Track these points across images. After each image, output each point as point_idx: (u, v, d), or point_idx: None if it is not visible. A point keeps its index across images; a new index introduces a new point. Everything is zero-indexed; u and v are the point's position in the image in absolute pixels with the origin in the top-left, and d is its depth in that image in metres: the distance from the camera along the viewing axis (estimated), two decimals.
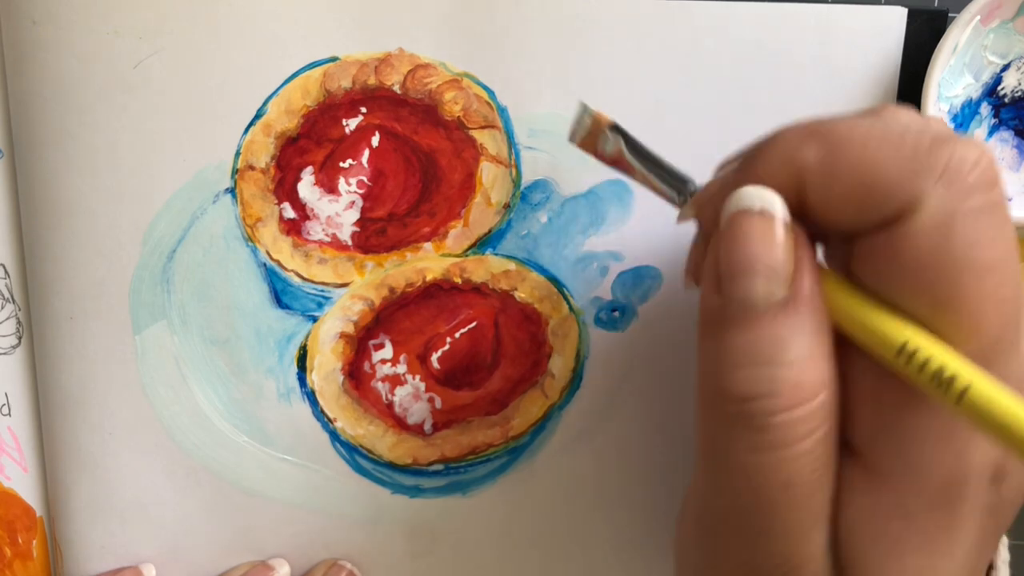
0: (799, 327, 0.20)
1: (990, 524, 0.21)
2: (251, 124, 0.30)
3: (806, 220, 0.21)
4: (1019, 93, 0.31)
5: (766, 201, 0.21)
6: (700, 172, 0.31)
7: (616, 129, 0.27)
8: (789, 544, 0.21)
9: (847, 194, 0.20)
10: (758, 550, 0.21)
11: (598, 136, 0.27)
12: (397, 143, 0.31)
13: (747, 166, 0.22)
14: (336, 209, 0.31)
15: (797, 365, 0.20)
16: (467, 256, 0.32)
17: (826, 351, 0.21)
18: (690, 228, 0.32)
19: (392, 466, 0.33)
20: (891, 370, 0.20)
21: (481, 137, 0.31)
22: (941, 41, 0.29)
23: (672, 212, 0.32)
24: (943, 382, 0.19)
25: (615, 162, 0.27)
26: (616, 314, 0.32)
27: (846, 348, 0.21)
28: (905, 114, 0.21)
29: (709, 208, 0.23)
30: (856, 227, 0.21)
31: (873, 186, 0.20)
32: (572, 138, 0.27)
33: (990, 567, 0.24)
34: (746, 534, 0.21)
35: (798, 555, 0.21)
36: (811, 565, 0.21)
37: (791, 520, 0.21)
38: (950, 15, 0.30)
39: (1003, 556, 0.24)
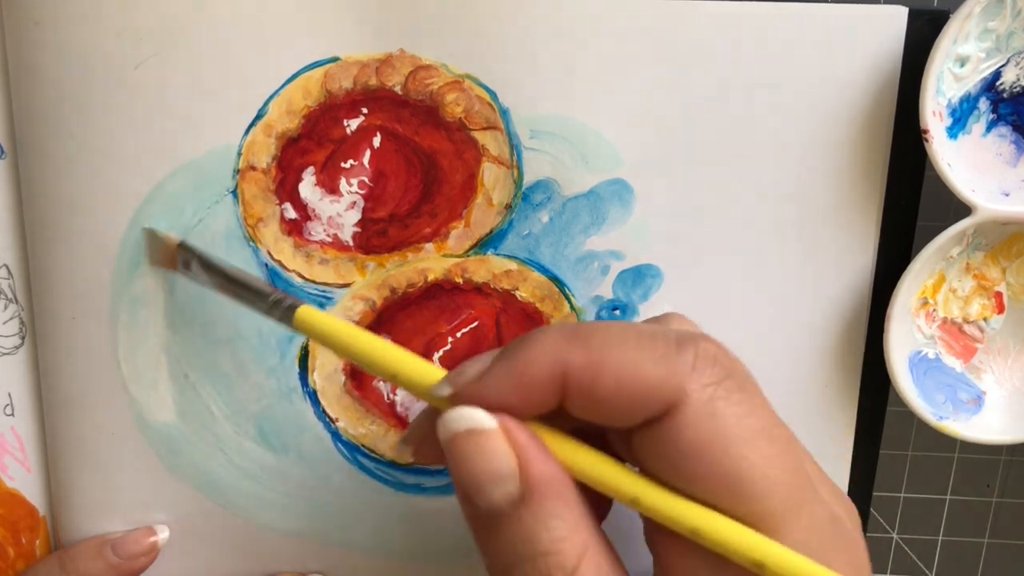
0: (544, 514, 0.22)
1: None
2: (252, 124, 0.30)
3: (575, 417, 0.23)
4: (1018, 88, 0.31)
5: (471, 420, 0.22)
6: (700, 173, 0.31)
7: (184, 247, 0.29)
8: None
9: (611, 397, 0.22)
10: None
11: (173, 256, 0.30)
12: (398, 144, 0.31)
13: (510, 366, 0.23)
14: (337, 210, 0.31)
15: (555, 547, 0.21)
16: (468, 256, 0.32)
17: (579, 521, 0.22)
18: (691, 228, 0.32)
19: (394, 465, 0.33)
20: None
21: (483, 138, 0.31)
22: (939, 36, 0.29)
23: (673, 212, 0.32)
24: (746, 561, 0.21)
25: (197, 276, 0.29)
26: (617, 313, 0.33)
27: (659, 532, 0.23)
28: (673, 319, 0.26)
29: (425, 445, 0.25)
30: (625, 424, 0.22)
31: (635, 389, 0.21)
32: (150, 263, 0.30)
33: None
34: None
35: None
36: None
37: None
38: (951, 15, 0.30)
39: None
